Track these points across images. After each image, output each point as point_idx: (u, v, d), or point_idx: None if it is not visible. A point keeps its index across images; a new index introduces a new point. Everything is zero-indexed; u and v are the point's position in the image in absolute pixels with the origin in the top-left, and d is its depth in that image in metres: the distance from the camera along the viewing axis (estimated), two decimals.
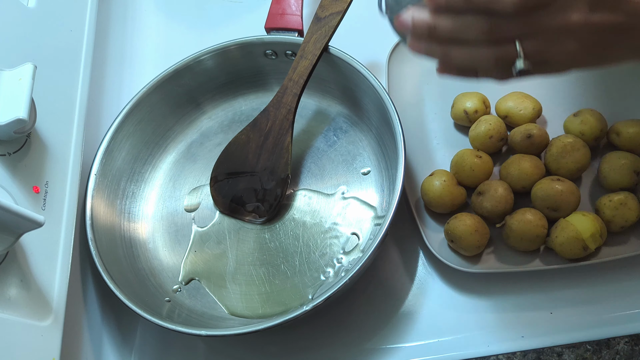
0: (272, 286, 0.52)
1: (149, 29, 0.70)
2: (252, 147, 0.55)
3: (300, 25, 0.58)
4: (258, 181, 0.54)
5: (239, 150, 0.55)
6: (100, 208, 0.53)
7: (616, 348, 0.47)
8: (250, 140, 0.55)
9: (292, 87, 0.53)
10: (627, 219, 0.48)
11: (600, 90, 0.57)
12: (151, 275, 0.54)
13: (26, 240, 0.42)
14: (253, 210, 0.55)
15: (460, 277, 0.51)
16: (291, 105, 0.53)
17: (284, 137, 0.54)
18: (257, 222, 0.55)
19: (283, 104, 0.54)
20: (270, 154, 0.54)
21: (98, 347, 0.51)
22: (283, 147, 0.54)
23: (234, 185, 0.55)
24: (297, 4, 0.59)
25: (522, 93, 0.57)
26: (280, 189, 0.54)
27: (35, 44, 0.49)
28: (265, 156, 0.54)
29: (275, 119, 0.54)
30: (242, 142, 0.55)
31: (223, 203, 0.55)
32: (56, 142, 0.48)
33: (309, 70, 0.53)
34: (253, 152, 0.55)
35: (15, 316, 0.39)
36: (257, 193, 0.54)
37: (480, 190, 0.52)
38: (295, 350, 0.51)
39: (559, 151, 0.51)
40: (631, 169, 0.49)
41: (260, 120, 0.55)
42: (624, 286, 0.49)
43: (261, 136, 0.55)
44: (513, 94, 0.56)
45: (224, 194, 0.55)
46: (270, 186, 0.54)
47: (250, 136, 0.55)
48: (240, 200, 0.55)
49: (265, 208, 0.54)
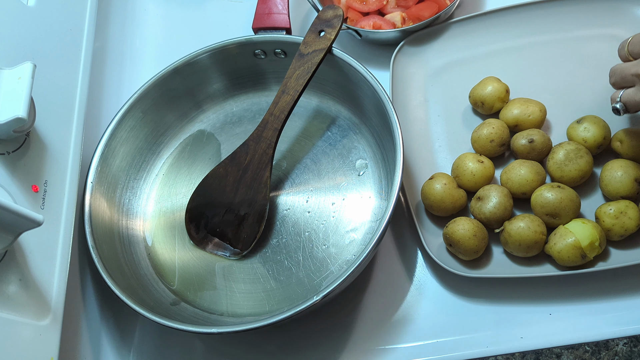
0: (277, 282, 0.52)
1: (149, 28, 0.70)
2: (229, 180, 0.54)
3: (287, 24, 0.58)
4: (234, 216, 0.53)
5: (216, 183, 0.54)
6: (99, 207, 0.53)
7: (615, 349, 0.47)
8: (229, 174, 0.54)
9: (273, 122, 0.53)
10: (627, 228, 0.48)
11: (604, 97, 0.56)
12: (150, 274, 0.54)
13: (25, 239, 0.42)
14: (230, 244, 0.54)
15: (458, 281, 0.52)
16: (271, 140, 0.53)
17: (262, 171, 0.53)
18: (233, 258, 0.54)
19: (263, 139, 0.53)
20: (248, 188, 0.53)
21: (97, 346, 0.51)
22: (261, 182, 0.53)
23: (210, 219, 0.54)
24: (284, 2, 0.59)
25: (523, 98, 0.56)
26: (257, 224, 0.53)
27: (35, 43, 0.48)
28: (243, 190, 0.53)
29: (254, 153, 0.53)
30: (220, 175, 0.54)
31: (198, 238, 0.55)
32: (55, 141, 0.48)
33: (291, 106, 0.53)
34: (231, 185, 0.54)
35: (14, 315, 0.39)
36: (233, 228, 0.53)
37: (480, 195, 0.52)
38: (294, 350, 0.52)
39: (562, 158, 0.51)
40: (632, 177, 0.49)
41: (239, 153, 0.54)
42: (623, 286, 0.49)
43: (239, 170, 0.54)
44: (515, 101, 0.56)
45: (199, 228, 0.54)
46: (248, 222, 0.53)
47: (229, 169, 0.54)
48: (216, 234, 0.54)
49: (242, 244, 0.53)
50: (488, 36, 0.61)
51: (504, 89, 0.56)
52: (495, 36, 0.61)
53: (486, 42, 0.61)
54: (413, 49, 0.61)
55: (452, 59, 0.61)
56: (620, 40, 0.49)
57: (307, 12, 0.68)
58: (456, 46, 0.61)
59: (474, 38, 0.61)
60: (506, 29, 0.61)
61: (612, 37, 0.59)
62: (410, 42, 0.61)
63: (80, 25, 0.55)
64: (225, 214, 0.54)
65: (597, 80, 0.57)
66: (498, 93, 0.56)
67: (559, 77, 0.59)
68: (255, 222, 0.53)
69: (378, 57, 0.63)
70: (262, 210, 0.53)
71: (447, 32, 0.61)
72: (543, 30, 0.60)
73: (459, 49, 0.61)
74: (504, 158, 0.56)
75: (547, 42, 0.60)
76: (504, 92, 0.56)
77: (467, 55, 0.61)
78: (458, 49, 0.61)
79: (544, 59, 0.60)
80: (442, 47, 0.61)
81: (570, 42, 0.60)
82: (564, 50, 0.60)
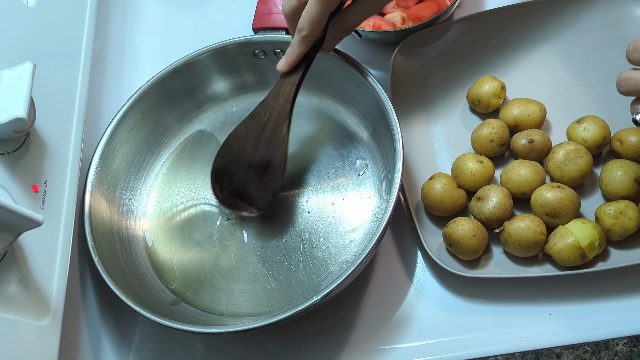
0: (277, 282, 0.52)
1: (149, 28, 0.70)
2: (250, 139, 0.53)
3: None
4: (255, 174, 0.53)
5: (237, 142, 0.54)
6: (99, 207, 0.53)
7: (615, 349, 0.47)
8: (249, 132, 0.53)
9: (291, 77, 0.51)
10: (627, 228, 0.48)
11: (604, 97, 0.56)
12: (150, 274, 0.54)
13: (25, 239, 0.42)
14: (250, 203, 0.54)
15: (458, 281, 0.52)
16: (289, 95, 0.51)
17: (280, 128, 0.51)
18: (254, 215, 0.54)
19: (281, 94, 0.52)
20: (267, 145, 0.52)
21: (96, 346, 0.51)
22: (279, 138, 0.51)
23: (233, 178, 0.54)
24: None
25: (522, 98, 0.56)
26: (276, 181, 0.52)
27: (35, 43, 0.48)
28: (262, 148, 0.52)
29: (272, 110, 0.52)
30: (241, 134, 0.54)
31: (222, 196, 0.55)
32: (55, 141, 0.48)
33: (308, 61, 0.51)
34: (251, 144, 0.53)
35: (14, 315, 0.39)
36: (254, 186, 0.53)
37: (480, 195, 0.52)
38: (294, 350, 0.52)
39: (562, 158, 0.51)
40: (632, 177, 0.49)
41: (258, 111, 0.53)
42: (623, 286, 0.49)
43: (259, 127, 0.53)
44: (515, 101, 0.56)
45: (223, 187, 0.55)
46: (267, 178, 0.53)
47: (249, 128, 0.53)
48: (239, 193, 0.54)
49: (262, 201, 0.53)
50: (488, 36, 0.61)
51: (499, 86, 0.56)
52: (495, 36, 0.61)
53: (486, 42, 0.61)
54: (413, 49, 0.61)
55: (452, 59, 0.61)
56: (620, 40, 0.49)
57: None
58: (456, 46, 0.61)
59: (474, 38, 0.61)
60: (506, 29, 0.61)
61: (612, 37, 0.59)
62: (410, 42, 0.61)
63: (80, 25, 0.55)
64: (247, 173, 0.53)
65: (597, 80, 0.57)
66: (493, 90, 0.56)
67: (559, 77, 0.59)
68: (274, 179, 0.52)
69: (378, 57, 0.63)
70: (281, 166, 0.52)
71: (447, 32, 0.61)
72: (543, 30, 0.60)
73: (459, 49, 0.61)
74: (503, 158, 0.56)
75: (547, 42, 0.60)
76: (499, 88, 0.56)
77: (467, 55, 0.61)
78: (458, 49, 0.61)
79: (543, 58, 0.60)
80: (442, 47, 0.61)
81: (570, 42, 0.60)
82: (564, 50, 0.60)
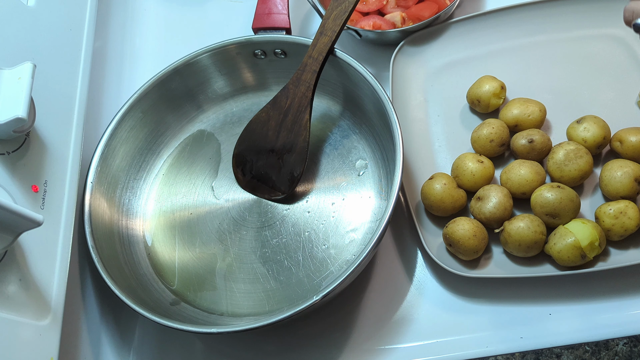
0: (277, 282, 0.52)
1: (149, 28, 0.70)
2: (271, 124, 0.55)
3: (287, 24, 0.58)
4: (277, 159, 0.55)
5: (259, 128, 0.56)
6: (99, 207, 0.53)
7: (615, 349, 0.47)
8: (270, 118, 0.55)
9: (312, 64, 0.53)
10: (627, 228, 0.48)
11: (604, 97, 0.56)
12: (150, 274, 0.54)
13: (25, 239, 0.42)
14: (273, 187, 0.55)
15: (458, 281, 0.52)
16: (310, 82, 0.53)
17: (302, 114, 0.54)
18: (278, 198, 0.55)
19: (302, 81, 0.54)
20: (289, 131, 0.54)
21: (96, 346, 0.51)
22: (301, 124, 0.54)
23: (255, 163, 0.56)
24: (284, 2, 0.59)
25: (522, 98, 0.56)
26: (299, 166, 0.54)
27: (35, 43, 0.48)
28: (284, 134, 0.54)
29: (294, 97, 0.54)
30: (263, 120, 0.56)
31: (244, 181, 0.56)
32: (55, 141, 0.48)
33: (329, 47, 0.53)
34: (273, 129, 0.55)
35: (14, 315, 0.39)
36: (277, 170, 0.55)
37: (480, 195, 0.52)
38: (294, 350, 0.52)
39: (562, 158, 0.51)
40: (632, 177, 0.49)
41: (279, 98, 0.55)
42: (623, 286, 0.49)
43: (280, 114, 0.55)
44: (515, 101, 0.56)
45: (245, 172, 0.56)
46: (289, 163, 0.54)
47: (270, 114, 0.55)
48: (261, 178, 0.56)
49: (284, 186, 0.55)
50: (488, 36, 0.61)
51: (499, 86, 0.56)
52: (495, 36, 0.61)
53: (486, 42, 0.61)
54: (413, 49, 0.61)
55: (452, 59, 0.61)
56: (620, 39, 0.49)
57: (307, 12, 0.68)
58: (456, 46, 0.61)
59: (474, 38, 0.61)
60: (506, 29, 0.61)
61: (612, 37, 0.59)
62: (410, 42, 0.61)
63: (80, 25, 0.55)
64: (269, 158, 0.55)
65: (597, 80, 0.57)
66: (493, 89, 0.56)
67: (559, 77, 0.59)
68: (297, 164, 0.54)
69: (378, 57, 0.63)
70: (303, 152, 0.54)
71: (447, 32, 0.61)
72: (543, 30, 0.60)
73: (459, 49, 0.61)
74: (503, 158, 0.56)
75: (547, 42, 0.60)
76: (499, 88, 0.56)
77: (467, 55, 0.61)
78: (458, 49, 0.61)
79: (543, 58, 0.60)
80: (442, 47, 0.61)
81: (570, 42, 0.60)
82: (563, 50, 0.60)
